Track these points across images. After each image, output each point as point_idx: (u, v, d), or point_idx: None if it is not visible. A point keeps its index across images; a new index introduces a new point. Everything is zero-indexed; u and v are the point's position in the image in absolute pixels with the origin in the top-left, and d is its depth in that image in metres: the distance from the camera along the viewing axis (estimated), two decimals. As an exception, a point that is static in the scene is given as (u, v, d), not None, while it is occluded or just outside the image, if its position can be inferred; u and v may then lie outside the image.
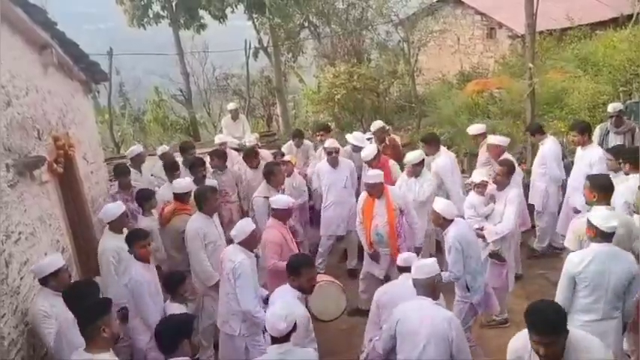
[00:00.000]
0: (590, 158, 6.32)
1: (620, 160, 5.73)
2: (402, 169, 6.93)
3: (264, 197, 6.28)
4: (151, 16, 13.97)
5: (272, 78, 16.20)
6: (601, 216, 4.23)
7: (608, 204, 4.80)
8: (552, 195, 6.96)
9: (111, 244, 5.34)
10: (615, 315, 4.22)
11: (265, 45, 15.29)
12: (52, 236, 5.42)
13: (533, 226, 7.27)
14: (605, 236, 4.16)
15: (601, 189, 4.80)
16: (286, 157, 7.64)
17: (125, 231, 5.50)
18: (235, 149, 9.26)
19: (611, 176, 5.28)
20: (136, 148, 8.13)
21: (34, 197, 5.09)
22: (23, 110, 5.22)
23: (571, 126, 7.03)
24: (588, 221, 4.27)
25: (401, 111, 14.64)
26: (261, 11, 13.61)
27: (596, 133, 7.43)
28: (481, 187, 5.96)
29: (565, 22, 15.74)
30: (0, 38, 4.92)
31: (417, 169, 6.31)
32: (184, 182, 6.28)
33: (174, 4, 13.93)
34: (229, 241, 5.25)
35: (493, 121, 10.83)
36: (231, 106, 10.97)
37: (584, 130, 6.52)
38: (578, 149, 6.63)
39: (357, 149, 7.36)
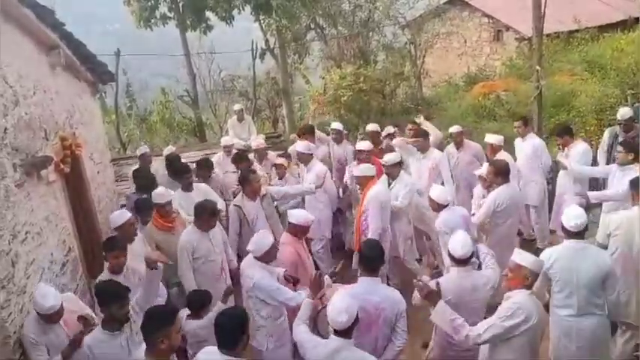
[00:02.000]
0: (575, 153, 6.61)
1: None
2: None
3: (235, 205, 6.13)
4: (158, 17, 13.98)
5: (278, 79, 16.20)
6: (567, 214, 4.40)
7: None
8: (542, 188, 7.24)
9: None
10: (594, 311, 4.31)
11: (272, 46, 15.30)
12: (59, 236, 5.44)
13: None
14: (571, 234, 4.34)
15: None
16: (278, 161, 7.51)
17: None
18: (241, 150, 9.27)
19: (620, 169, 5.82)
20: (143, 148, 8.19)
21: (40, 197, 5.10)
22: (31, 110, 5.23)
23: (552, 130, 7.45)
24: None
25: (407, 113, 14.60)
26: (268, 13, 13.61)
27: (605, 136, 7.46)
28: (481, 180, 6.32)
29: (572, 24, 15.71)
30: (9, 38, 4.95)
31: (393, 171, 6.38)
32: (160, 192, 5.96)
33: (181, 5, 13.95)
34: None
35: (500, 124, 10.82)
36: (237, 107, 10.98)
37: (564, 133, 6.88)
38: (566, 150, 6.82)
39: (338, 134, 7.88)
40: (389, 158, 6.42)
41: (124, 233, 5.26)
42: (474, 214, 6.05)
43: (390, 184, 6.41)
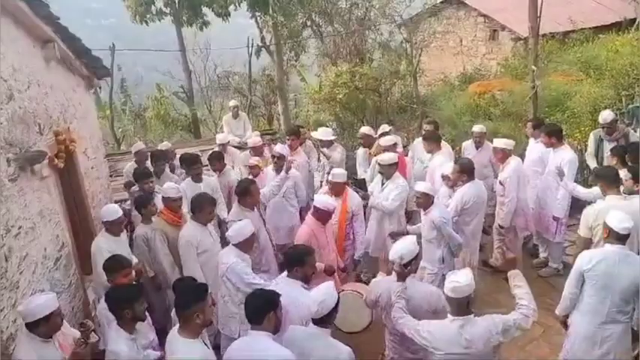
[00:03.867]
0: (561, 160, 6.42)
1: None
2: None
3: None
4: (154, 12, 13.90)
5: (274, 76, 16.17)
6: (616, 217, 4.28)
7: None
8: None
9: (104, 245, 5.26)
10: (621, 319, 4.26)
11: (268, 43, 15.27)
12: (52, 231, 5.41)
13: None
14: (618, 238, 4.23)
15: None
16: (252, 161, 7.36)
17: (122, 235, 5.47)
18: (236, 147, 9.26)
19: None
20: (139, 144, 8.17)
21: (34, 192, 5.07)
22: (25, 104, 5.19)
23: (538, 127, 7.14)
24: (604, 222, 4.35)
25: (403, 111, 14.64)
26: (265, 9, 13.56)
27: (591, 139, 7.45)
28: (446, 179, 6.31)
29: (568, 25, 15.77)
30: (3, 32, 4.91)
31: (388, 171, 6.29)
32: (174, 186, 5.95)
33: (177, 0, 13.89)
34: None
35: (495, 123, 10.84)
36: (232, 103, 10.97)
37: (553, 133, 6.58)
38: (550, 151, 6.66)
39: (325, 144, 7.65)
40: (385, 158, 6.34)
41: (112, 229, 5.34)
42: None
43: (383, 184, 6.39)
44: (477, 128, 7.65)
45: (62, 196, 5.91)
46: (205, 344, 3.62)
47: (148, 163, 7.57)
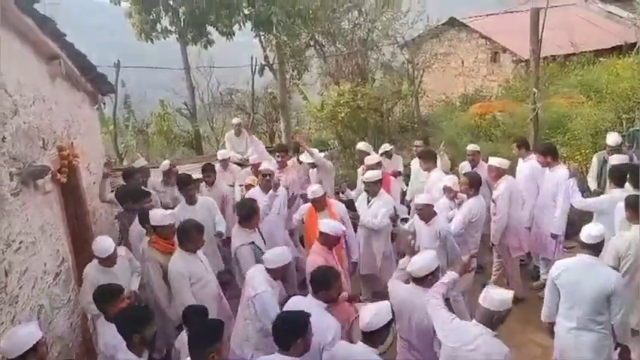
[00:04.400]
0: (558, 178, 6.48)
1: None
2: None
3: (250, 244, 5.59)
4: (160, 30, 14.04)
5: (276, 94, 16.27)
6: (586, 227, 4.55)
7: None
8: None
9: (94, 274, 5.13)
10: (594, 328, 4.38)
11: (271, 62, 15.40)
12: (53, 246, 5.43)
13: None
14: (585, 246, 4.47)
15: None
16: (248, 180, 7.50)
17: (117, 266, 5.19)
18: (238, 164, 9.30)
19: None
20: (141, 161, 8.20)
21: (36, 206, 5.10)
22: (29, 119, 5.25)
23: (523, 146, 7.30)
24: None
25: (404, 131, 14.69)
26: (268, 29, 13.69)
27: (594, 161, 7.51)
28: (447, 190, 6.37)
29: (569, 48, 15.87)
30: (9, 47, 4.98)
31: (373, 188, 6.40)
32: (162, 213, 5.58)
33: (182, 19, 14.03)
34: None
35: (496, 144, 10.86)
36: (234, 121, 11.03)
37: (548, 152, 6.64)
38: (546, 170, 6.72)
39: (313, 166, 7.72)
40: (370, 175, 6.43)
41: (104, 262, 5.11)
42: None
43: (368, 202, 6.45)
44: (470, 147, 7.73)
45: (64, 211, 5.94)
46: None
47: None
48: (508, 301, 3.66)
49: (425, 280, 4.31)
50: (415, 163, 7.99)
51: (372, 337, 3.67)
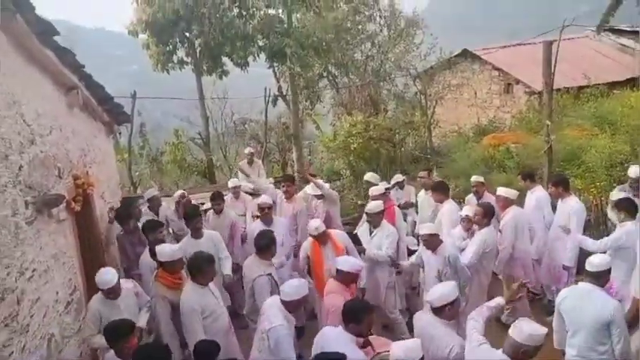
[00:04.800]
0: (569, 209, 6.51)
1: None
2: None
3: (268, 275, 5.57)
4: (176, 61, 14.36)
5: (289, 124, 16.43)
6: (591, 257, 4.64)
7: None
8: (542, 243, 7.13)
9: (98, 308, 5.09)
10: (594, 357, 4.37)
11: (284, 92, 15.59)
12: (65, 274, 5.43)
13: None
14: (587, 274, 4.55)
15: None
16: (256, 212, 7.37)
17: (120, 299, 5.09)
18: (249, 193, 9.32)
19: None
20: (152, 191, 8.24)
21: (50, 235, 5.13)
22: (46, 148, 5.32)
23: (528, 178, 7.32)
24: None
25: (416, 161, 14.71)
26: (282, 60, 13.94)
27: (614, 194, 7.41)
28: (465, 221, 6.41)
29: (582, 80, 15.90)
30: (29, 78, 5.10)
31: (375, 219, 6.40)
32: (171, 249, 5.51)
33: (198, 51, 14.33)
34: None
35: (509, 176, 10.81)
36: (247, 150, 11.12)
37: (559, 183, 6.69)
38: (559, 202, 6.76)
39: (319, 197, 7.70)
40: (372, 206, 6.44)
41: (106, 294, 5.04)
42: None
43: (371, 233, 6.45)
44: (474, 178, 7.72)
45: (77, 239, 5.96)
46: None
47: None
48: (539, 337, 3.57)
49: (443, 311, 4.24)
50: (421, 195, 8.10)
51: None
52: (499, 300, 4.50)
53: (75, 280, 5.69)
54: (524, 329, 3.59)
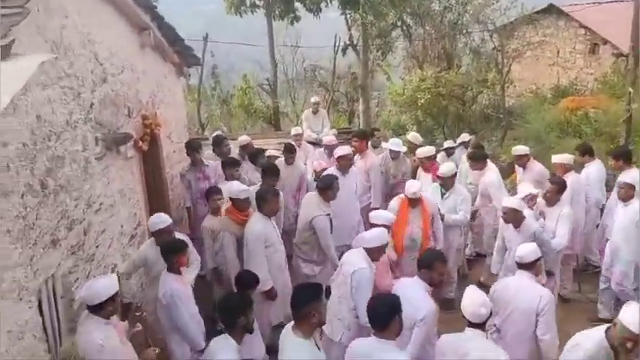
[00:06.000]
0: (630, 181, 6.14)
1: None
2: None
3: (327, 215, 5.79)
4: (248, 5, 14.30)
5: (358, 74, 16.17)
6: None
7: None
8: (592, 217, 6.97)
9: (145, 250, 5.19)
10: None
11: (355, 42, 15.26)
12: (130, 209, 5.73)
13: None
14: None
15: None
16: (316, 166, 7.45)
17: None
18: (312, 143, 9.37)
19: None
20: (217, 133, 8.42)
21: (117, 171, 5.39)
22: (117, 87, 5.52)
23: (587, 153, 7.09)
24: None
25: (487, 120, 14.22)
26: (355, 8, 13.57)
27: None
28: (528, 199, 5.99)
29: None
30: (105, 18, 5.25)
31: (448, 182, 6.37)
32: (238, 187, 5.71)
33: (270, -5, 14.21)
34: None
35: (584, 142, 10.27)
36: (313, 99, 11.11)
37: (620, 156, 6.57)
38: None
39: (396, 154, 7.56)
40: (446, 170, 6.37)
41: (161, 239, 4.99)
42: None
43: (443, 195, 6.39)
44: (517, 151, 7.31)
45: (143, 176, 6.23)
46: (317, 345, 3.57)
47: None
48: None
49: (533, 266, 4.47)
50: (464, 162, 7.71)
51: (480, 324, 3.73)
52: None
53: (139, 215, 5.99)
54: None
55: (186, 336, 4.50)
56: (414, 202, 5.91)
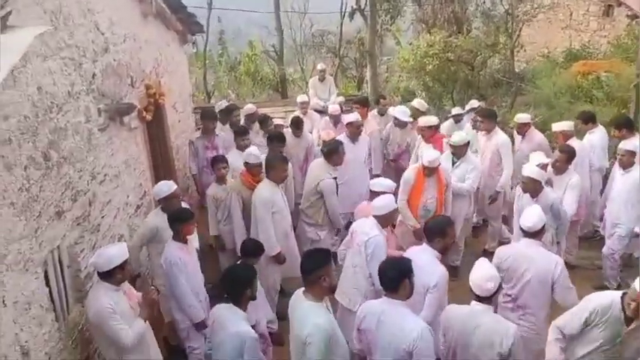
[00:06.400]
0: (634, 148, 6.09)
1: None
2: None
3: (333, 178, 5.88)
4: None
5: (366, 40, 15.91)
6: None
7: None
8: (596, 184, 6.95)
9: (152, 219, 5.13)
10: None
11: (363, 6, 14.96)
12: (136, 180, 5.76)
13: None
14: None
15: None
16: (323, 135, 7.33)
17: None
18: (319, 111, 9.30)
19: None
20: (223, 102, 8.33)
21: (121, 141, 5.40)
22: (119, 57, 5.48)
23: (611, 121, 6.98)
24: None
25: (497, 86, 13.97)
26: (363, -30, 13.30)
27: None
28: (541, 168, 5.88)
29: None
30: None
31: (460, 151, 6.26)
32: (254, 153, 5.79)
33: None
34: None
35: (595, 107, 10.10)
36: (320, 66, 10.98)
37: (623, 125, 6.46)
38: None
39: (402, 124, 7.48)
40: (457, 139, 6.26)
41: (168, 205, 5.00)
42: None
43: (454, 163, 6.32)
44: (519, 118, 7.21)
45: (148, 146, 6.24)
46: (328, 309, 3.60)
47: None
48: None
49: (541, 233, 4.45)
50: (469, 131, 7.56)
51: (488, 298, 3.68)
52: None
53: (145, 185, 6.02)
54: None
55: (181, 306, 4.54)
56: (430, 171, 5.84)
